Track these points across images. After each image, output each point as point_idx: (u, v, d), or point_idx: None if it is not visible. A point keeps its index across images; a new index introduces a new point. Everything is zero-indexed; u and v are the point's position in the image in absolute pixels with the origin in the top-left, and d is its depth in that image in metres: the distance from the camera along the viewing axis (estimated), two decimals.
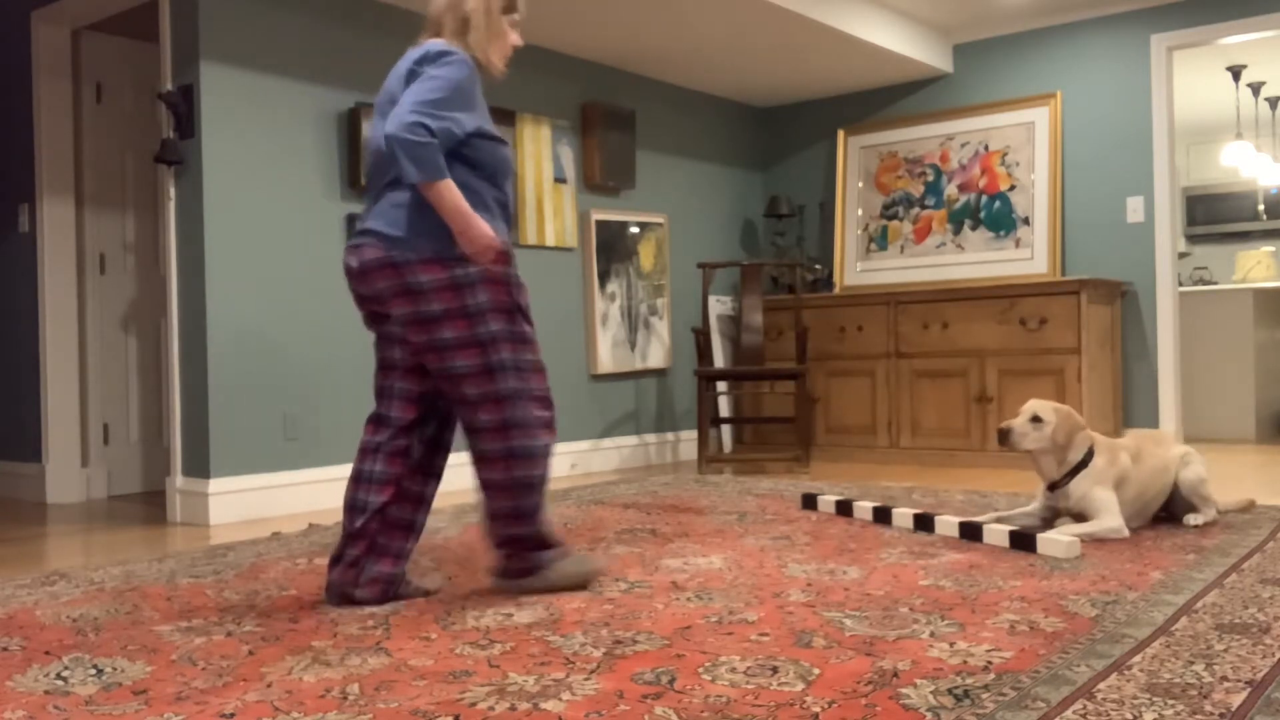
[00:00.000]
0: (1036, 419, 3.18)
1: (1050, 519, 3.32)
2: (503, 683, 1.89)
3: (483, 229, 2.44)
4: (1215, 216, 8.82)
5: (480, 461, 2.54)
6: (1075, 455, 3.19)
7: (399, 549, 2.58)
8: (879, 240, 6.37)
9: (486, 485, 2.54)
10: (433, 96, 2.41)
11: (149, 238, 5.25)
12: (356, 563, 2.54)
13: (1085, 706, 1.69)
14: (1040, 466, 3.23)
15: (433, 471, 2.65)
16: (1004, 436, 3.20)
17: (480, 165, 2.54)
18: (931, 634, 2.14)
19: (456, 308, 2.46)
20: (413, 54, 2.54)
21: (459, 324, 2.47)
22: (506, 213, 2.63)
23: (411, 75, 2.49)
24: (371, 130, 2.62)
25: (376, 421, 2.62)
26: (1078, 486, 3.18)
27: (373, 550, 2.55)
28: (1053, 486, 3.24)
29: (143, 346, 5.23)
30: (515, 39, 2.69)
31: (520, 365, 2.52)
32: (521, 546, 2.58)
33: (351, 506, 2.56)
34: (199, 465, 4.14)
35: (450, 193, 2.41)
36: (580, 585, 2.64)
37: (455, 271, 2.46)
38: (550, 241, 5.45)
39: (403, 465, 2.59)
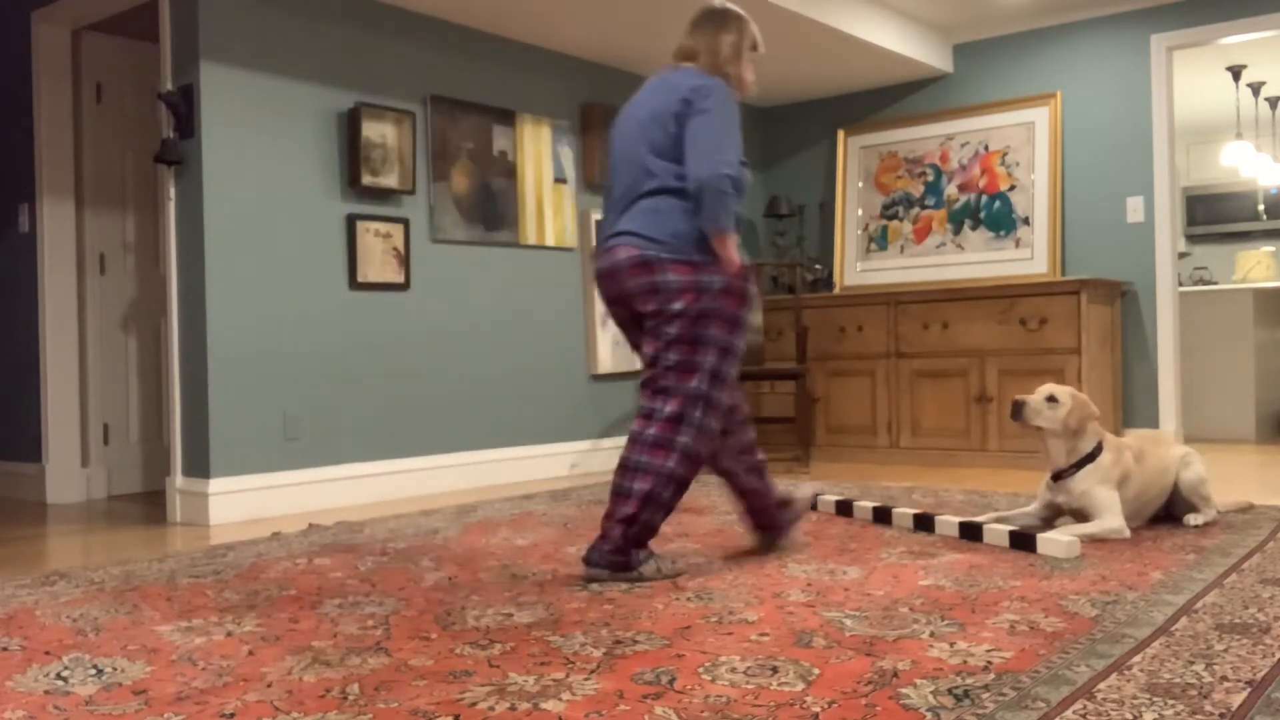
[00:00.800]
0: (1052, 399, 3.18)
1: (1050, 519, 3.32)
2: (503, 683, 1.89)
3: (737, 260, 2.75)
4: (1215, 216, 8.82)
5: (643, 444, 2.74)
6: (1085, 446, 3.19)
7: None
8: (879, 240, 6.37)
9: (636, 467, 2.72)
10: (728, 141, 2.71)
11: (149, 238, 5.25)
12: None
13: (1085, 706, 1.69)
14: (1049, 450, 3.23)
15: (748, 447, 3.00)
16: (1018, 409, 3.20)
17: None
18: (931, 634, 2.14)
19: (694, 308, 2.72)
20: (680, 80, 2.82)
21: (687, 320, 2.73)
22: (737, 223, 2.85)
23: (686, 105, 2.75)
24: (618, 139, 2.94)
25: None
26: (1081, 482, 3.18)
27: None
28: (1057, 477, 3.23)
29: (143, 346, 5.23)
30: (753, 75, 3.00)
31: (717, 373, 2.76)
32: (633, 539, 2.72)
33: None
34: (199, 465, 4.14)
35: (731, 239, 2.74)
36: (668, 578, 2.77)
37: (700, 277, 2.73)
38: (550, 241, 5.45)
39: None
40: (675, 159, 2.77)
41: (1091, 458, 3.18)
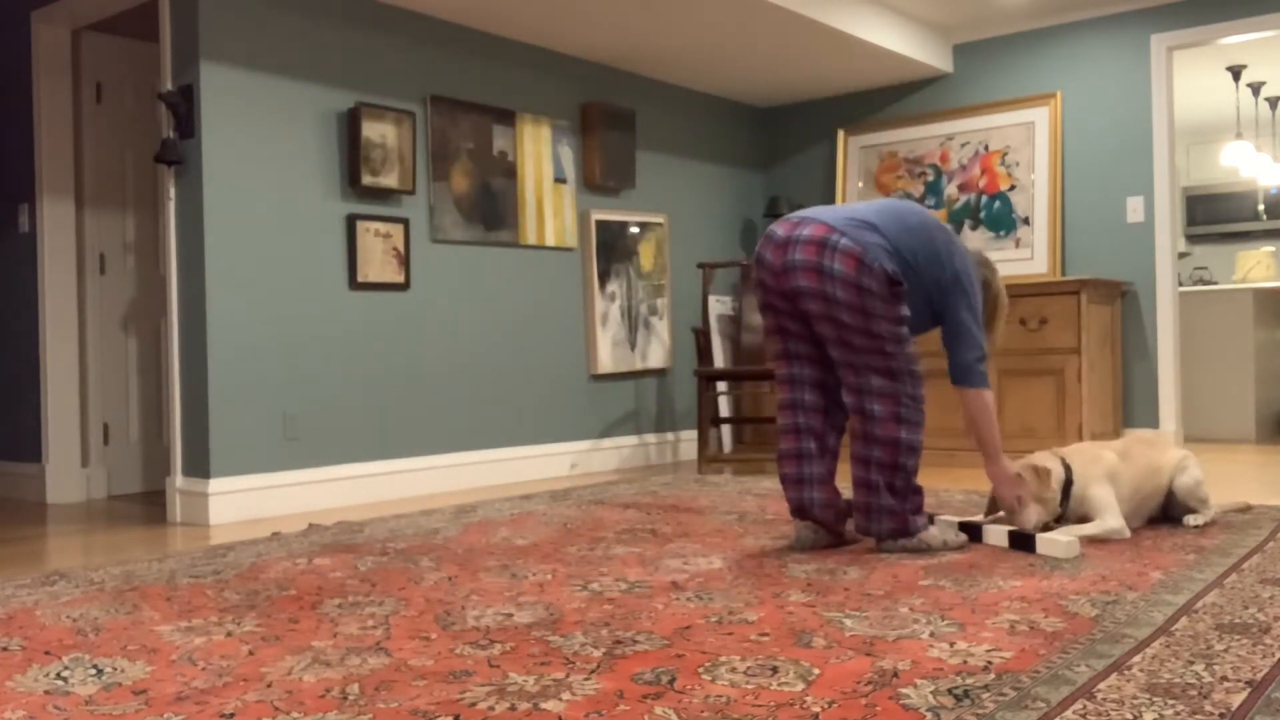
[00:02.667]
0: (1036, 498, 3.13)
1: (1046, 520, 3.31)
2: (503, 683, 1.89)
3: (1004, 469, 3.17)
4: (1215, 216, 8.82)
5: (876, 420, 3.00)
6: (1056, 487, 3.14)
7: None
8: None
9: (872, 439, 2.99)
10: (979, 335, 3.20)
11: (149, 238, 5.26)
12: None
13: (1085, 706, 1.69)
14: (1046, 514, 3.19)
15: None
16: (1027, 541, 3.14)
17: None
18: (931, 634, 2.14)
19: (856, 301, 2.92)
20: (960, 247, 3.15)
21: (854, 311, 2.92)
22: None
23: (953, 279, 3.08)
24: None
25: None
26: (1074, 496, 3.16)
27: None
28: (1058, 516, 3.21)
29: (143, 346, 5.23)
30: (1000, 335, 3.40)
31: (905, 353, 3.01)
32: (894, 513, 2.98)
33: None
34: (199, 465, 4.14)
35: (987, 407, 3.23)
36: (952, 549, 3.02)
37: (863, 279, 2.90)
38: (550, 241, 5.45)
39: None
40: (897, 252, 2.98)
41: (1069, 484, 3.16)
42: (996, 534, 3.10)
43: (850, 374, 3.02)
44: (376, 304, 4.68)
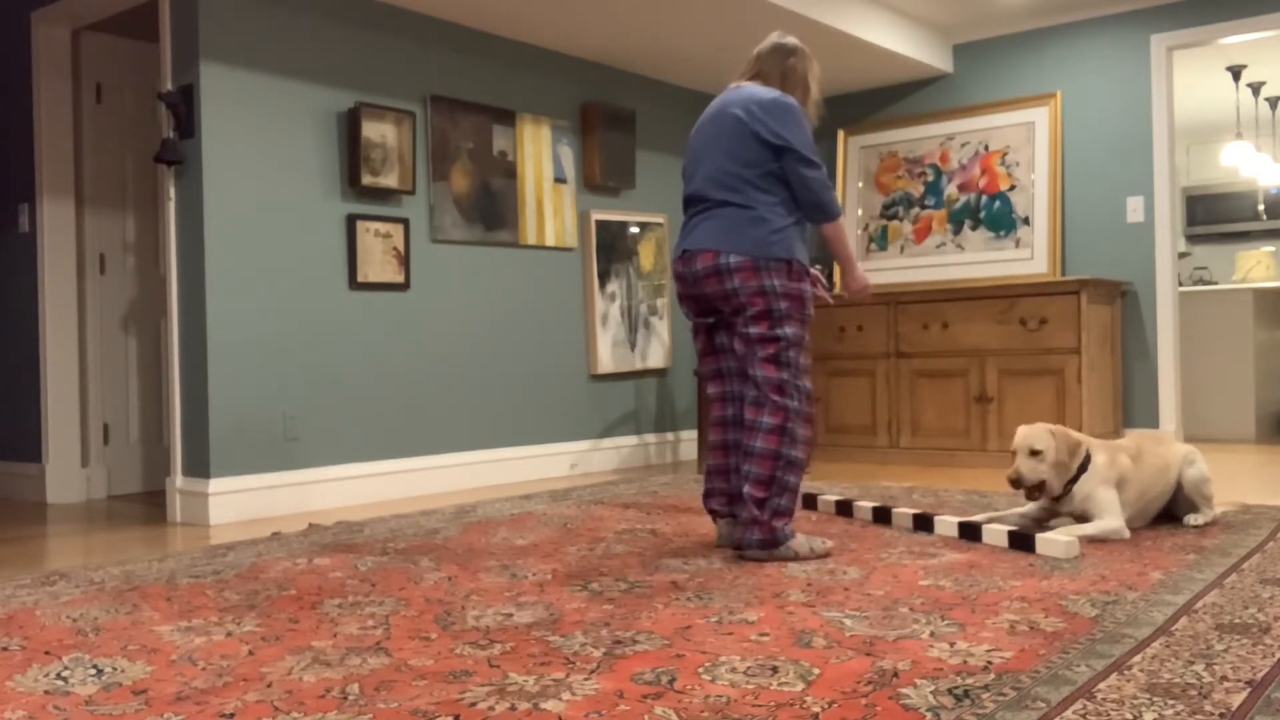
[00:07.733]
0: (1034, 452, 3.16)
1: (1044, 519, 3.32)
2: (503, 683, 1.89)
3: (852, 258, 3.30)
4: (1215, 216, 8.82)
5: (757, 431, 3.01)
6: (1074, 465, 3.18)
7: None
8: (879, 240, 6.37)
9: (751, 452, 2.98)
10: (812, 150, 3.08)
11: (149, 238, 5.25)
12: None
13: (1085, 706, 1.69)
14: (1049, 489, 3.21)
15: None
16: (1017, 485, 3.17)
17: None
18: (931, 634, 2.14)
19: (764, 308, 3.03)
20: (754, 94, 3.09)
21: (762, 320, 3.04)
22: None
23: (764, 122, 3.03)
24: (696, 149, 3.18)
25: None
26: (1081, 488, 3.17)
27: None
28: (1057, 497, 3.22)
29: (143, 346, 5.23)
30: (815, 111, 3.27)
31: (797, 364, 3.04)
32: (775, 515, 2.94)
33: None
34: (199, 465, 4.14)
35: (842, 236, 3.24)
36: (819, 558, 2.98)
37: (764, 281, 3.02)
38: (550, 241, 5.45)
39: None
40: (750, 167, 3.04)
41: (1084, 468, 3.17)
42: (996, 534, 3.10)
43: (745, 384, 3.17)
44: (376, 304, 4.68)
